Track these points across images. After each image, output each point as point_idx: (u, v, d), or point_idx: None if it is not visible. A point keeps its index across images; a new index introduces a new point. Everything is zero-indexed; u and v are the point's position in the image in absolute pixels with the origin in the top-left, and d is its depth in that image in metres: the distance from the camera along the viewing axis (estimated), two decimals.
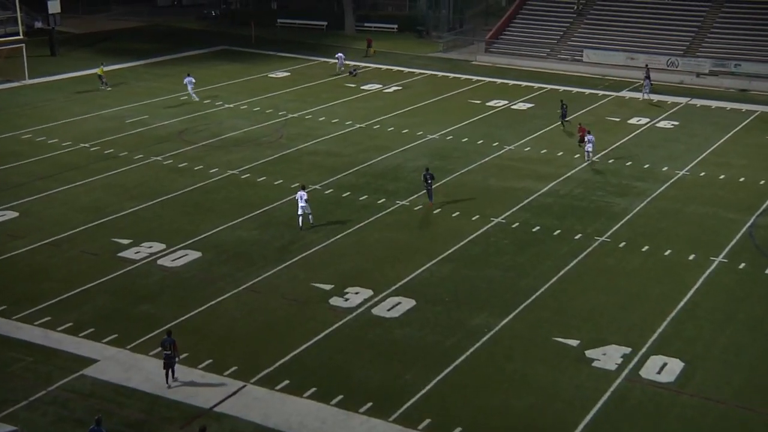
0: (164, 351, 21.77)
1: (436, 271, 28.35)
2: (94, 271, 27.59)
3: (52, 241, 29.79)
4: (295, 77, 56.25)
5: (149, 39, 68.73)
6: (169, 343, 21.65)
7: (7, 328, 24.22)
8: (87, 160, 38.27)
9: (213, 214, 32.58)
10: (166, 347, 21.69)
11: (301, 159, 39.40)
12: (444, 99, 51.05)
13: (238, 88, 53.06)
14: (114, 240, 29.92)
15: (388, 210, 33.36)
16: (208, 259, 28.74)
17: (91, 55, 61.39)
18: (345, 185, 35.97)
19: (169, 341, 21.68)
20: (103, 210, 32.66)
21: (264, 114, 47.00)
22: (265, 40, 68.22)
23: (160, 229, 31.00)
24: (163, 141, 41.50)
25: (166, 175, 36.80)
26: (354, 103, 49.90)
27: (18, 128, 42.78)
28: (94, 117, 45.45)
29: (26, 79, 52.29)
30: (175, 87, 52.29)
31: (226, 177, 36.69)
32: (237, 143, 41.55)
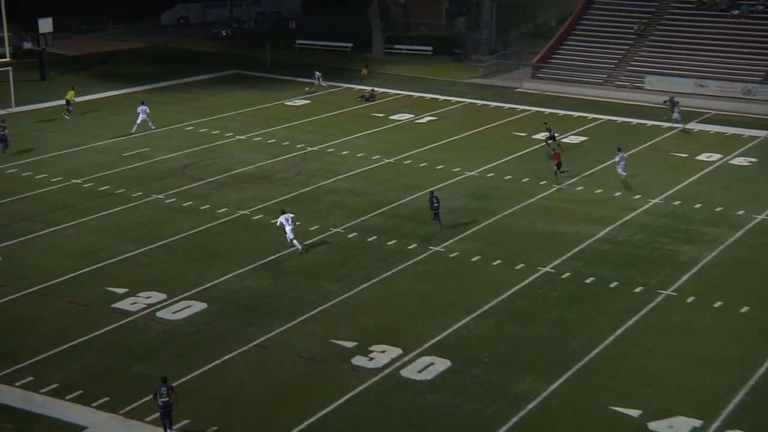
0: (161, 399, 22.13)
1: (475, 327, 28.30)
2: (83, 324, 27.88)
3: (37, 290, 30.18)
4: (315, 106, 56.92)
5: (151, 62, 70.02)
6: (167, 389, 22.16)
7: None
8: (78, 198, 38.88)
9: (220, 260, 32.87)
10: (163, 394, 22.12)
11: (321, 198, 39.72)
12: (484, 131, 51.33)
13: (250, 117, 53.79)
14: (107, 289, 30.25)
15: (419, 257, 33.45)
16: (213, 312, 28.95)
17: (86, 80, 62.62)
18: (371, 228, 36.17)
19: (168, 387, 22.23)
20: (95, 255, 33.09)
21: (280, 147, 47.54)
22: (282, 64, 69.18)
23: (160, 277, 31.32)
24: (164, 177, 42.09)
25: (168, 215, 37.25)
26: (382, 135, 50.33)
27: (1, 162, 43.61)
28: (87, 150, 46.24)
29: (12, 106, 53.40)
30: (180, 116, 53.11)
31: (235, 218, 37.06)
32: (249, 180, 42.00)
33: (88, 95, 57.12)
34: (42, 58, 61.98)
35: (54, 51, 67.29)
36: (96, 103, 56.28)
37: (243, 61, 70.33)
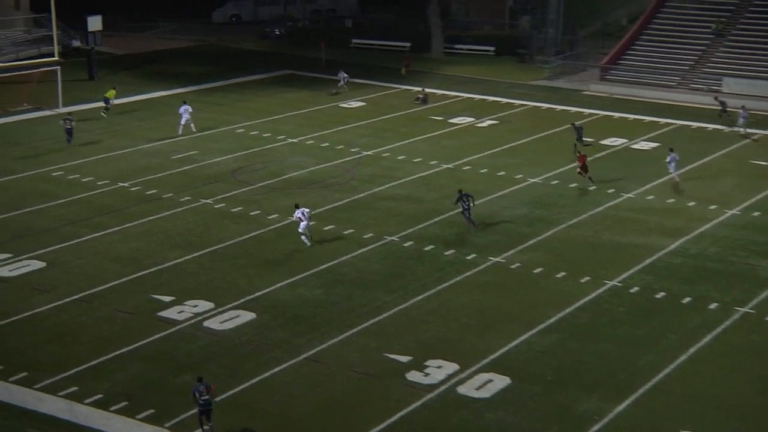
0: (201, 398, 22.99)
1: (536, 343, 28.12)
2: (129, 333, 28.31)
3: (82, 296, 30.72)
4: (370, 108, 57.12)
5: (201, 61, 70.94)
6: (205, 387, 23.08)
7: (28, 400, 24.91)
8: (125, 202, 39.52)
9: (270, 268, 33.14)
10: (203, 392, 23.02)
11: (375, 205, 39.81)
12: (549, 136, 51.03)
13: (303, 119, 54.17)
14: (154, 297, 30.67)
15: (478, 268, 33.36)
16: (263, 322, 29.18)
17: (134, 80, 63.65)
18: (427, 237, 36.16)
19: (205, 386, 23.10)
20: (141, 261, 33.58)
21: (333, 151, 47.78)
22: (337, 64, 69.55)
23: (207, 285, 31.67)
24: (213, 181, 42.58)
25: (217, 221, 37.67)
26: (440, 139, 50.32)
27: (47, 164, 44.52)
28: (134, 152, 46.97)
29: (60, 106, 54.48)
30: (230, 118, 53.69)
31: (286, 225, 37.33)
32: (301, 185, 42.29)
33: (136, 95, 58.03)
34: (90, 57, 63.15)
35: (103, 50, 68.56)
36: (145, 103, 57.16)
37: (296, 61, 70.88)
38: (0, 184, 41.52)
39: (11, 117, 53.10)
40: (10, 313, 29.17)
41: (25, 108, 54.48)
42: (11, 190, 40.76)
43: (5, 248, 34.20)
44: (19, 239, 35.09)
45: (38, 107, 54.61)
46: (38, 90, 55.47)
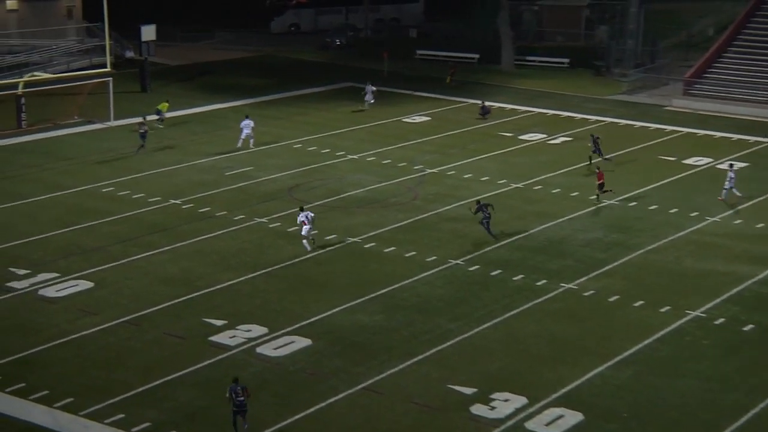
0: (237, 398, 24.34)
1: (611, 377, 27.78)
2: (179, 358, 28.60)
3: (131, 319, 31.13)
4: (435, 123, 57.18)
5: (258, 73, 71.74)
6: (241, 388, 24.43)
7: (73, 427, 25.24)
8: (177, 221, 40.02)
9: (327, 291, 33.26)
10: (239, 393, 24.35)
11: (439, 226, 39.78)
12: (627, 154, 50.57)
13: (364, 134, 54.42)
14: (205, 320, 30.97)
15: (549, 295, 33.11)
16: (318, 349, 29.27)
17: (188, 92, 64.57)
18: (495, 261, 36.01)
19: (241, 386, 24.49)
20: (193, 283, 33.95)
21: (395, 168, 47.89)
22: (401, 76, 69.81)
23: (261, 309, 31.89)
24: (269, 199, 42.94)
25: (272, 241, 37.95)
26: (509, 156, 50.15)
27: (98, 179, 45.31)
28: (187, 167, 47.58)
29: (111, 120, 55.46)
30: (287, 133, 54.15)
31: (345, 246, 37.45)
32: (360, 204, 42.44)
33: (190, 108, 58.83)
34: (143, 68, 64.20)
35: (156, 60, 69.68)
36: (198, 116, 57.93)
37: (358, 73, 71.24)
38: (48, 200, 42.35)
39: (61, 130, 54.19)
40: (56, 336, 29.67)
41: (75, 121, 55.55)
42: (59, 206, 41.56)
43: (52, 267, 34.85)
44: (67, 258, 35.73)
45: (89, 120, 55.63)
46: (89, 102, 56.53)
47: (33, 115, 54.60)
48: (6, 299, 32.19)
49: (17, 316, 30.90)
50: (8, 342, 29.17)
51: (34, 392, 26.47)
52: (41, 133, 53.31)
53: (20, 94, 53.88)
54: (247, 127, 49.95)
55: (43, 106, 56.14)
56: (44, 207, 41.39)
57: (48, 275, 34.11)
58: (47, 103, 56.66)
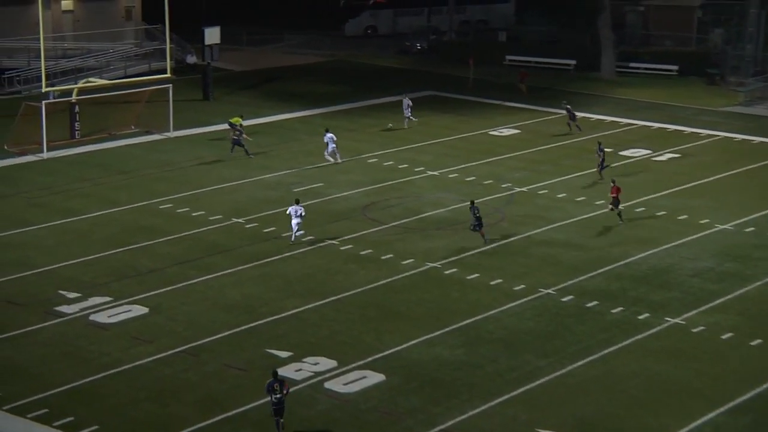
0: (274, 395, 25.57)
1: (725, 424, 27.30)
2: (240, 392, 28.79)
3: (188, 348, 31.45)
4: (526, 136, 56.98)
5: (331, 79, 72.28)
6: (279, 384, 25.77)
7: None
8: (239, 241, 40.43)
9: (403, 322, 33.26)
10: (276, 390, 25.70)
11: (528, 251, 39.56)
12: (743, 173, 49.81)
13: (446, 149, 54.43)
14: (268, 351, 31.16)
15: (652, 330, 32.69)
16: (393, 386, 29.27)
17: (254, 100, 65.32)
18: (591, 291, 35.69)
19: (279, 382, 25.80)
20: (256, 310, 34.22)
21: (480, 186, 47.78)
22: (488, 84, 69.76)
23: (330, 340, 32.00)
24: (340, 218, 43.14)
25: (343, 265, 38.10)
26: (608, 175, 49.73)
27: (155, 195, 46.02)
28: (252, 183, 48.07)
29: (170, 130, 56.33)
30: (361, 146, 54.40)
31: (423, 271, 37.44)
32: (441, 225, 42.41)
33: (255, 118, 59.48)
34: (206, 74, 65.11)
35: (220, 66, 70.67)
36: (265, 127, 58.54)
37: (440, 80, 71.40)
38: (101, 217, 43.11)
39: (116, 141, 55.17)
40: (107, 365, 30.12)
41: (131, 131, 56.53)
42: (113, 224, 42.29)
43: (105, 290, 35.44)
44: (121, 281, 36.31)
45: (146, 131, 56.55)
46: (147, 111, 57.48)
47: (87, 125, 55.70)
48: (55, 325, 32.80)
49: (66, 344, 31.45)
50: (56, 371, 29.70)
51: (83, 427, 26.85)
52: (95, 145, 54.38)
53: (74, 101, 54.98)
54: (331, 141, 50.22)
55: (97, 115, 57.24)
56: (97, 224, 42.16)
57: (100, 299, 34.69)
58: (102, 111, 57.77)
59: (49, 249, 39.22)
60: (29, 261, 37.90)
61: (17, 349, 30.93)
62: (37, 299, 34.54)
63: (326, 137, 50.50)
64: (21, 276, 36.56)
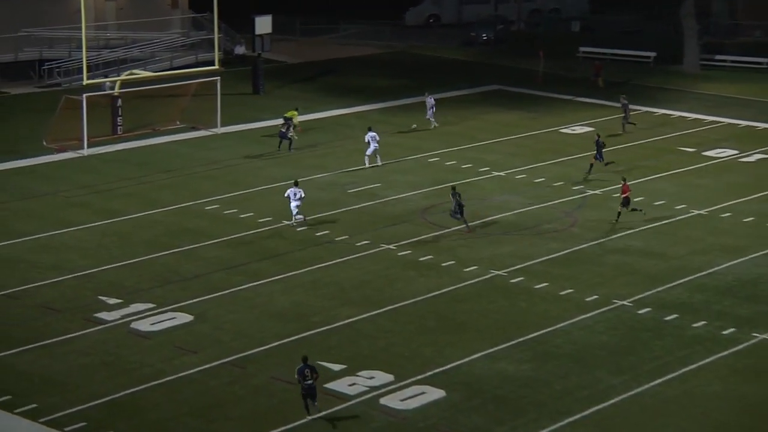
0: (305, 381, 27.40)
1: None
2: (289, 407, 28.82)
3: (235, 360, 31.62)
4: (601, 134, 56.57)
5: (390, 72, 72.33)
6: (310, 370, 27.46)
7: None
8: (290, 245, 40.60)
9: (465, 334, 33.21)
10: (307, 376, 27.42)
11: (602, 259, 39.33)
12: None
13: (513, 147, 54.27)
14: (320, 364, 31.19)
15: (739, 347, 32.34)
16: (454, 403, 29.22)
17: (307, 94, 65.52)
18: (670, 303, 35.40)
19: (310, 367, 27.53)
20: (307, 318, 34.33)
21: (550, 188, 47.59)
22: (559, 78, 69.42)
23: (386, 352, 32.02)
24: (398, 221, 43.18)
25: (401, 272, 38.12)
26: (691, 177, 49.29)
27: (201, 195, 46.35)
28: (303, 183, 48.05)
29: (218, 126, 56.69)
30: (422, 144, 54.41)
31: (487, 279, 37.35)
32: (507, 230, 42.28)
33: (309, 114, 59.63)
34: (257, 66, 65.45)
35: (271, 57, 71.00)
36: (319, 123, 58.74)
37: (508, 74, 71.17)
38: (143, 218, 43.52)
39: (160, 137, 55.66)
40: (149, 377, 30.38)
41: (176, 127, 56.98)
42: (156, 226, 42.68)
43: (147, 297, 35.77)
44: (164, 287, 36.63)
45: (192, 126, 56.97)
46: (192, 106, 57.88)
47: (130, 120, 56.27)
48: (94, 332, 33.17)
49: (106, 353, 31.79)
50: (95, 382, 30.01)
51: None
52: (138, 141, 54.91)
53: (116, 94, 55.53)
54: (374, 140, 50.14)
55: (141, 110, 57.82)
56: (139, 226, 42.57)
57: (141, 306, 35.01)
58: (146, 105, 58.33)
59: (89, 252, 39.67)
60: (68, 264, 38.37)
61: (54, 358, 31.31)
62: (76, 305, 34.95)
63: (368, 136, 50.23)
64: (59, 280, 37.03)
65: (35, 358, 31.24)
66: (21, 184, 47.63)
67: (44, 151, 52.27)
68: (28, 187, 47.05)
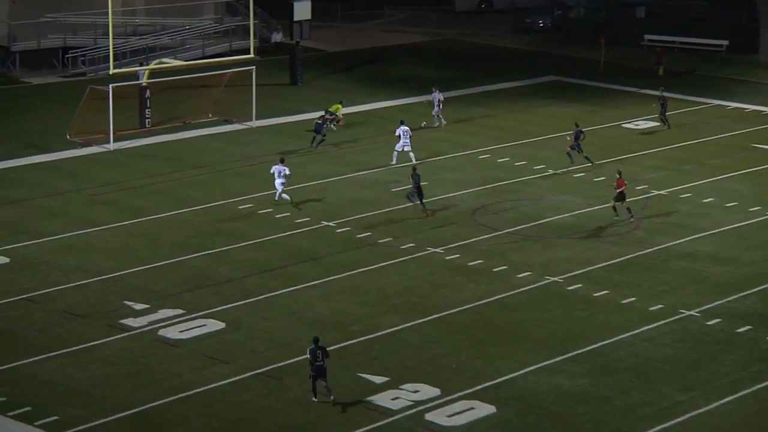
0: (315, 363, 28.91)
1: None
2: (328, 422, 28.89)
3: (269, 371, 31.65)
4: (666, 130, 56.29)
5: (438, 62, 72.27)
6: (321, 351, 28.94)
7: None
8: (329, 247, 40.66)
9: (518, 345, 33.13)
10: (319, 357, 28.91)
11: (668, 265, 39.12)
12: None
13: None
14: (361, 376, 31.26)
15: None
16: (505, 419, 29.17)
17: (348, 85, 65.63)
18: (743, 313, 35.19)
19: (321, 349, 29.01)
20: (347, 327, 34.37)
21: (611, 188, 47.31)
22: (622, 68, 69.12)
23: (432, 365, 31.99)
24: (447, 223, 43.14)
25: (448, 277, 38.09)
26: (766, 176, 48.91)
27: (234, 194, 46.52)
28: (344, 181, 48.31)
29: (253, 119, 56.88)
30: (472, 139, 54.36)
31: (542, 286, 37.25)
32: (563, 233, 42.16)
33: (351, 107, 59.65)
34: (295, 54, 65.59)
35: (310, 45, 71.11)
36: (360, 116, 58.80)
37: (565, 64, 70.93)
38: (173, 218, 43.74)
39: (191, 131, 55.93)
40: (177, 388, 30.50)
41: (208, 120, 57.23)
42: (186, 225, 42.88)
43: (176, 302, 35.93)
44: (194, 291, 36.78)
45: (225, 119, 57.18)
46: (226, 97, 58.09)
47: (159, 112, 56.55)
48: (119, 340, 33.35)
49: (132, 362, 31.95)
50: (120, 393, 30.16)
51: None
52: (168, 135, 55.20)
53: (145, 85, 55.76)
54: (406, 135, 49.91)
55: (170, 101, 58.11)
56: (168, 226, 42.80)
57: (170, 312, 35.18)
58: (176, 97, 58.62)
59: (114, 253, 39.93)
60: (92, 266, 38.63)
61: (78, 367, 31.52)
62: (101, 310, 35.18)
63: (400, 130, 50.03)
64: (83, 283, 37.29)
65: (57, 366, 31.46)
66: (43, 180, 48.00)
67: (68, 146, 52.67)
68: (51, 184, 47.40)
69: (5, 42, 66.58)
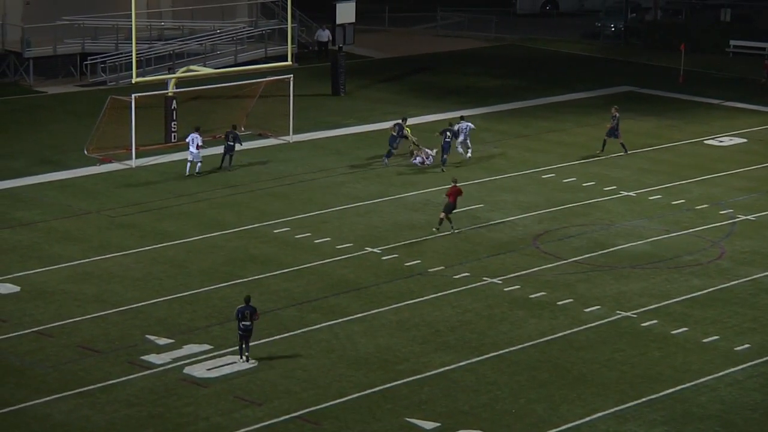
0: (242, 322, 32.35)
1: None
2: None
3: (306, 414, 31.68)
4: (755, 147, 56.18)
5: (497, 70, 72.30)
6: (249, 313, 32.45)
7: None
8: (373, 277, 40.68)
9: (586, 388, 33.01)
10: (246, 317, 32.37)
11: (756, 299, 38.93)
12: None
13: (647, 162, 53.97)
14: (409, 421, 31.24)
15: None
16: None
17: (397, 96, 65.70)
18: None
19: (251, 310, 32.55)
20: (393, 366, 34.34)
21: (692, 212, 47.20)
22: (705, 78, 68.89)
23: (489, 409, 31.92)
24: (506, 250, 43.07)
25: (507, 311, 38.02)
26: None
27: (268, 217, 46.64)
28: (391, 202, 48.33)
29: (290, 134, 57.02)
30: (535, 157, 54.28)
31: (613, 322, 37.11)
32: (638, 263, 41.99)
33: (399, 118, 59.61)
34: (337, 62, 65.70)
35: (354, 51, 71.27)
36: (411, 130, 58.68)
37: (641, 73, 70.76)
38: (201, 242, 43.90)
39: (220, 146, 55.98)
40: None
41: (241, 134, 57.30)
42: (217, 251, 43.03)
43: (203, 337, 36.04)
44: (223, 325, 36.85)
45: (260, 133, 57.36)
46: (260, 108, 58.25)
47: (186, 125, 56.63)
48: (141, 378, 33.47)
49: (154, 403, 32.06)
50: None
51: None
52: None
53: (171, 95, 55.94)
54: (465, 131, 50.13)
55: (199, 113, 58.33)
56: (196, 252, 42.98)
57: (197, 347, 35.30)
58: (205, 108, 58.86)
59: (136, 282, 40.13)
60: (111, 297, 38.85)
61: (94, 408, 31.65)
62: (120, 345, 35.35)
63: (461, 125, 50.47)
64: (101, 315, 37.49)
65: (72, 407, 31.60)
66: (58, 200, 48.34)
67: (86, 162, 53.01)
68: (67, 205, 47.72)
69: (18, 47, 67.14)
